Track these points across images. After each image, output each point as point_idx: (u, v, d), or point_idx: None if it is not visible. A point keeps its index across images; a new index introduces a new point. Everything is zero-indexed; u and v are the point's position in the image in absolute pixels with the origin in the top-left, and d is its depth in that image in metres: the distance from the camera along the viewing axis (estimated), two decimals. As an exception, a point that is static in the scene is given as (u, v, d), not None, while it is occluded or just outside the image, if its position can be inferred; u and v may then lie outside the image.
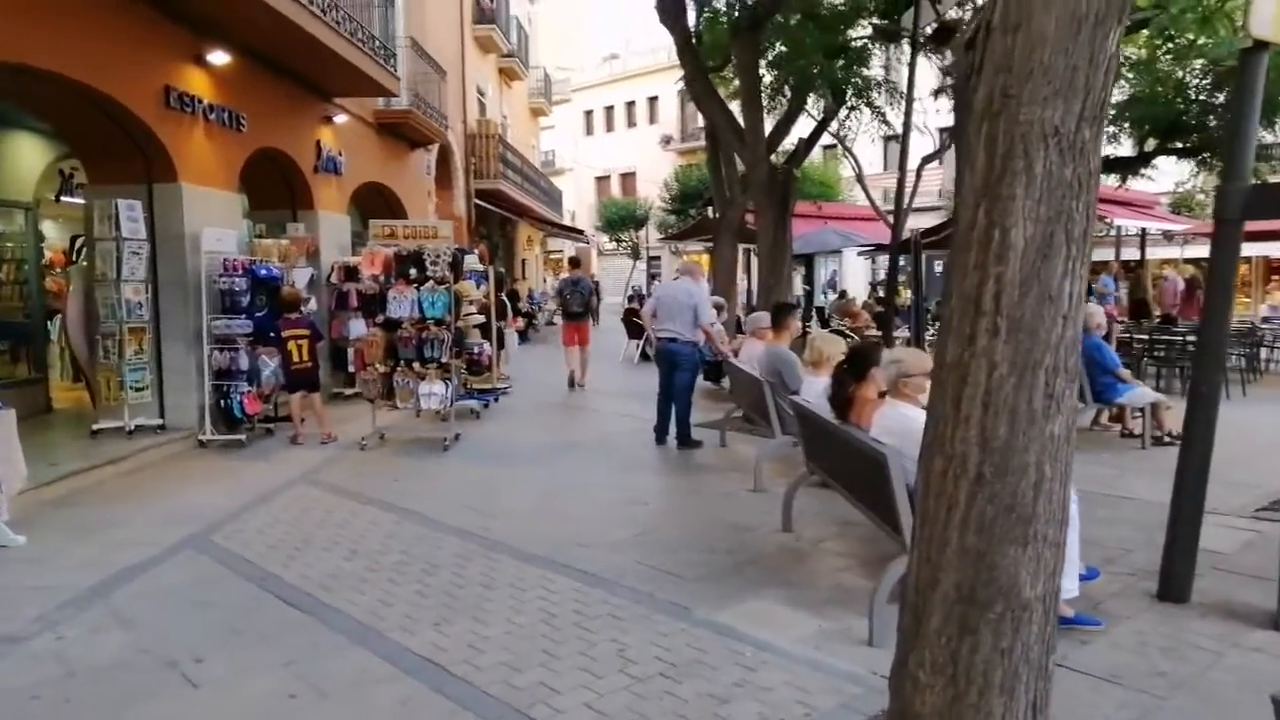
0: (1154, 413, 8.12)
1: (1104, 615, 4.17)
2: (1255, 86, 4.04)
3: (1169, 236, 17.59)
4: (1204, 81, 12.11)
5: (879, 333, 11.01)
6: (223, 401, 8.53)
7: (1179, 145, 13.51)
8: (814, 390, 5.58)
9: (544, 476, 7.19)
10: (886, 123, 11.69)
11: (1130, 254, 19.98)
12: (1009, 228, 2.35)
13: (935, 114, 14.66)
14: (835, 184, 22.59)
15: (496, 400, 10.97)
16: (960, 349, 2.46)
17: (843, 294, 19.48)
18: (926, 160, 13.35)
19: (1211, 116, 12.17)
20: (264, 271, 9.01)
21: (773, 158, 10.39)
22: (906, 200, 10.06)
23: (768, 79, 10.57)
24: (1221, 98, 11.72)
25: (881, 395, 4.53)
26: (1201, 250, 17.49)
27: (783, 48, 9.91)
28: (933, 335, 14.04)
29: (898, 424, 3.99)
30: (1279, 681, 3.54)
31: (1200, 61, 11.48)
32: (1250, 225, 4.26)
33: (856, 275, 28.71)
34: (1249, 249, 20.67)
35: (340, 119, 12.12)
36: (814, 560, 5.08)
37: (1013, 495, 2.41)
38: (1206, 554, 4.60)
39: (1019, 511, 2.42)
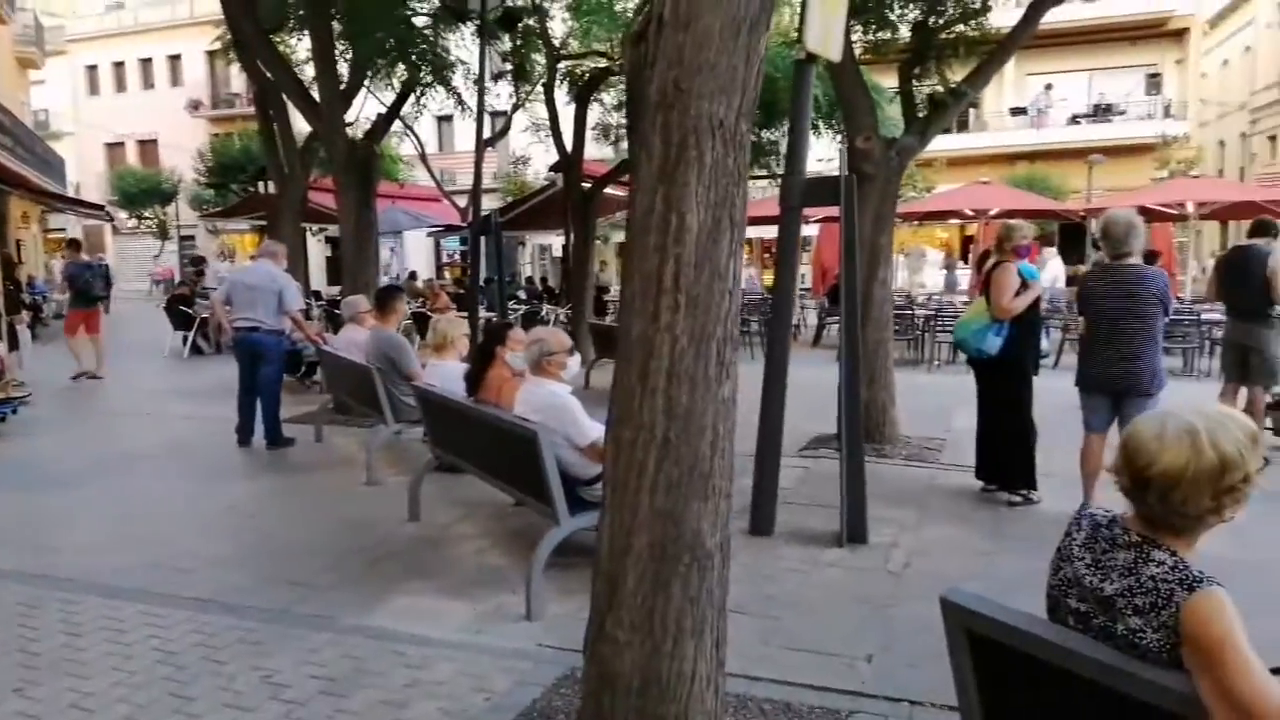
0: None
1: (714, 555, 4.71)
2: (807, 92, 4.80)
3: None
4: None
5: (463, 313, 11.09)
6: None
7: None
8: (440, 374, 5.48)
9: (111, 497, 6.13)
10: (462, 103, 11.76)
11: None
12: (685, 213, 2.54)
13: (497, 98, 15.13)
14: (395, 162, 22.21)
15: (15, 412, 9.05)
16: (645, 325, 2.61)
17: (412, 275, 19.27)
18: (489, 142, 13.71)
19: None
20: None
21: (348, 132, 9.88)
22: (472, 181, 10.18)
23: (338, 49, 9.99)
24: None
25: (518, 374, 4.61)
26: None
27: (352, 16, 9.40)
28: (517, 308, 14.60)
29: (545, 400, 4.10)
30: (858, 588, 4.34)
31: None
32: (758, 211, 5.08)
33: (419, 256, 28.59)
34: (752, 231, 24.42)
35: None
36: (450, 546, 5.03)
37: (695, 456, 2.63)
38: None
39: (700, 470, 2.65)
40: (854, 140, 6.86)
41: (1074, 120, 27.48)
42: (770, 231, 10.82)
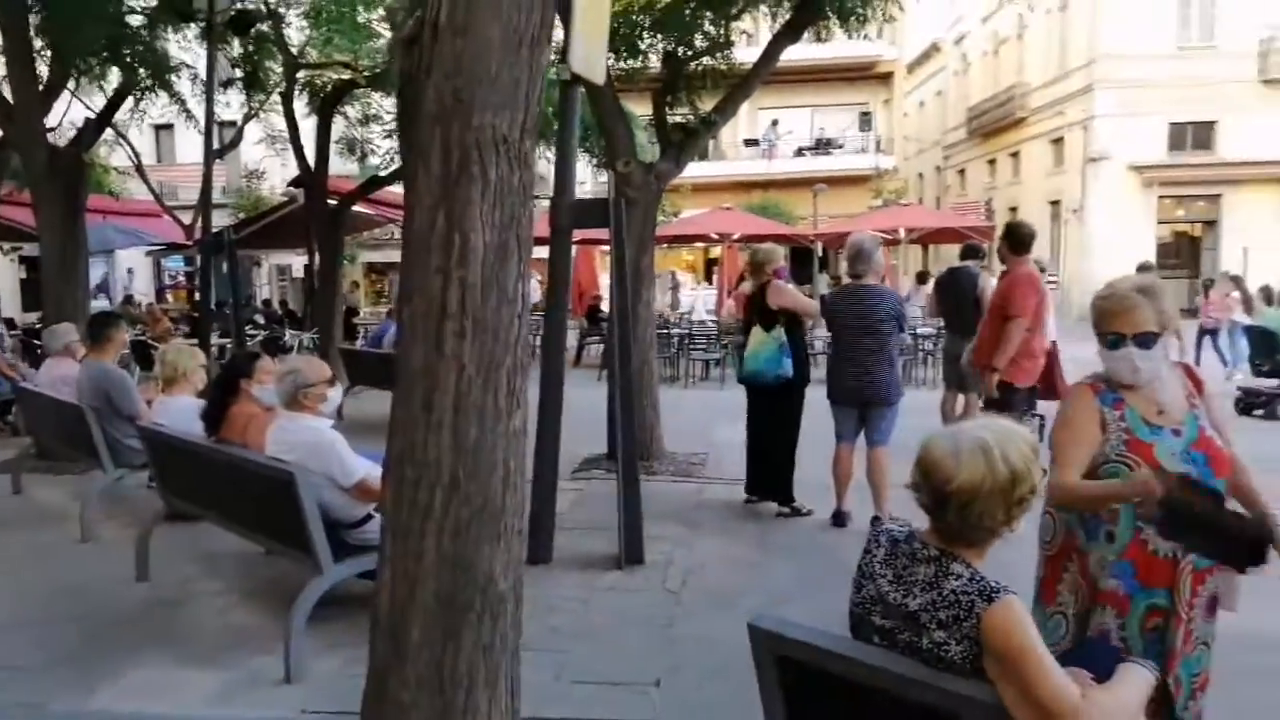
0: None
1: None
2: (574, 114, 4.77)
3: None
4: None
5: (193, 340, 10.05)
6: None
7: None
8: (171, 411, 4.84)
9: None
10: (187, 111, 10.70)
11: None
12: (469, 232, 2.37)
13: (227, 107, 13.97)
14: (107, 172, 19.78)
15: None
16: (427, 353, 2.41)
17: (128, 298, 17.30)
18: (219, 154, 12.62)
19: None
20: None
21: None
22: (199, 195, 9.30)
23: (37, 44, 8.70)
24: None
25: (267, 410, 4.17)
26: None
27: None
28: (255, 334, 13.45)
29: (303, 437, 3.71)
30: (640, 610, 4.31)
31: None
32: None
33: (138, 277, 25.79)
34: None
35: None
36: (190, 606, 4.44)
37: (485, 494, 2.46)
38: (549, 516, 5.28)
39: (491, 509, 2.48)
40: (615, 165, 6.93)
41: (799, 153, 29.90)
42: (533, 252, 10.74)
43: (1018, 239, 5.90)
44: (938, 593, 1.76)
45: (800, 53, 8.63)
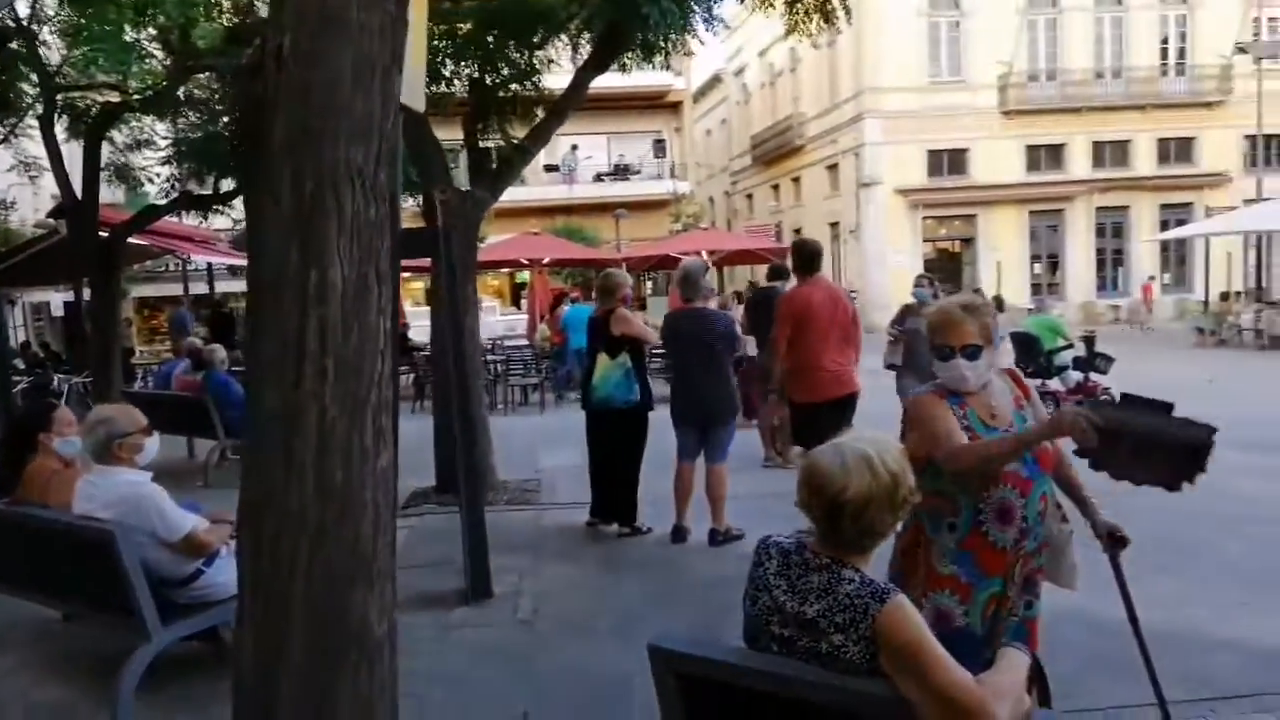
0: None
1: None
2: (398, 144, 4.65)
3: (234, 271, 18.64)
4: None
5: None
6: None
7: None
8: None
9: None
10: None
11: (199, 288, 20.45)
12: (327, 267, 2.29)
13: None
14: None
15: None
16: (285, 394, 2.29)
17: None
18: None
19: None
20: None
21: None
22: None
23: None
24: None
25: (68, 465, 3.76)
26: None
27: None
28: (19, 381, 12.00)
29: (120, 493, 3.37)
30: (495, 644, 4.24)
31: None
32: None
33: None
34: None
35: None
36: (-20, 691, 3.93)
37: (355, 538, 2.36)
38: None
39: (362, 553, 2.38)
40: (432, 193, 6.81)
41: (599, 178, 30.45)
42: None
43: (799, 259, 6.13)
44: (832, 598, 1.86)
45: (597, 81, 8.88)
